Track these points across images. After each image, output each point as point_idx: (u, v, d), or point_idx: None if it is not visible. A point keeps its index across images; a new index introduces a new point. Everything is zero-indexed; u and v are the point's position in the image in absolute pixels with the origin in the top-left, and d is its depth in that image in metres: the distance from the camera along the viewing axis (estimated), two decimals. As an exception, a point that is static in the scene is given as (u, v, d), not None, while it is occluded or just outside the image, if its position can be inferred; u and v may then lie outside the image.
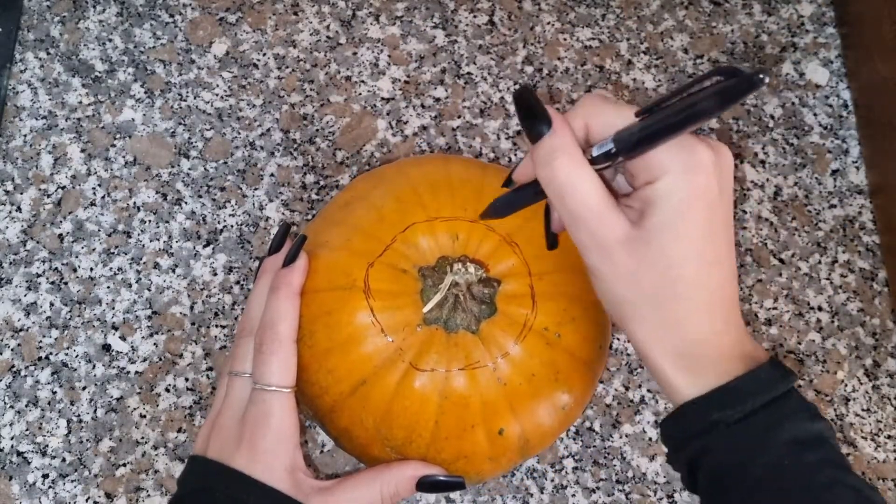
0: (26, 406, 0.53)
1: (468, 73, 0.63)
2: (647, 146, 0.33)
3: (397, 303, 0.42)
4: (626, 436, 0.53)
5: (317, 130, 0.61)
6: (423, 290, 0.42)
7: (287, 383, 0.41)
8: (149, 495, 0.52)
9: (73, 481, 0.52)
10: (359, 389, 0.41)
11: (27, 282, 0.56)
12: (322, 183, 0.59)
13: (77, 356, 0.54)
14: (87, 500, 0.51)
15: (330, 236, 0.44)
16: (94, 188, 0.59)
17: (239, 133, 0.60)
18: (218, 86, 0.62)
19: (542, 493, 0.52)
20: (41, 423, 0.53)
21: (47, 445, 0.52)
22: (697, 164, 0.33)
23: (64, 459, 0.52)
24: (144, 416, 0.53)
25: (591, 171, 0.34)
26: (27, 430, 0.53)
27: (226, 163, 0.60)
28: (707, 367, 0.35)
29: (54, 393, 0.54)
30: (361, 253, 0.42)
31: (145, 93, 0.61)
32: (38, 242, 0.57)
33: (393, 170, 0.47)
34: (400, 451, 0.42)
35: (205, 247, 0.57)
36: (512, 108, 0.61)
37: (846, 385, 0.55)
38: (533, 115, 0.35)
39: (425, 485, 0.42)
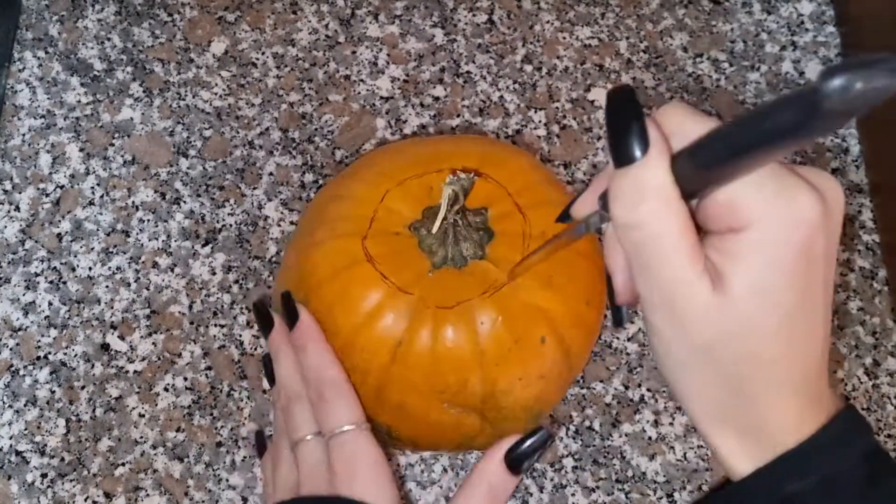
0: (25, 405, 0.53)
1: (467, 72, 0.62)
2: (731, 166, 0.25)
3: (402, 260, 0.42)
4: (626, 435, 0.53)
5: (316, 129, 0.61)
6: (420, 240, 0.43)
7: (361, 418, 0.40)
8: (148, 495, 0.51)
9: (71, 481, 0.52)
10: (397, 353, 0.41)
11: (26, 281, 0.56)
12: (321, 182, 0.59)
13: (76, 355, 0.54)
14: (85, 500, 0.51)
15: (315, 236, 0.44)
16: (92, 187, 0.58)
17: (238, 132, 0.60)
18: (217, 85, 0.62)
19: (541, 492, 0.52)
20: (40, 423, 0.53)
21: (46, 445, 0.52)
22: (799, 216, 0.26)
23: (63, 459, 0.52)
24: (143, 416, 0.53)
25: (687, 218, 0.27)
26: (26, 429, 0.53)
27: (224, 162, 0.59)
28: (774, 439, 0.29)
29: (53, 392, 0.53)
30: (351, 233, 0.43)
31: (144, 92, 0.61)
32: (36, 242, 0.57)
33: (348, 169, 0.48)
34: (459, 402, 0.42)
35: (203, 246, 0.57)
36: (511, 107, 0.61)
37: (846, 384, 0.55)
38: (626, 130, 0.27)
39: (517, 459, 0.39)
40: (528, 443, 0.38)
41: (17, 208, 0.58)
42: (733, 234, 0.27)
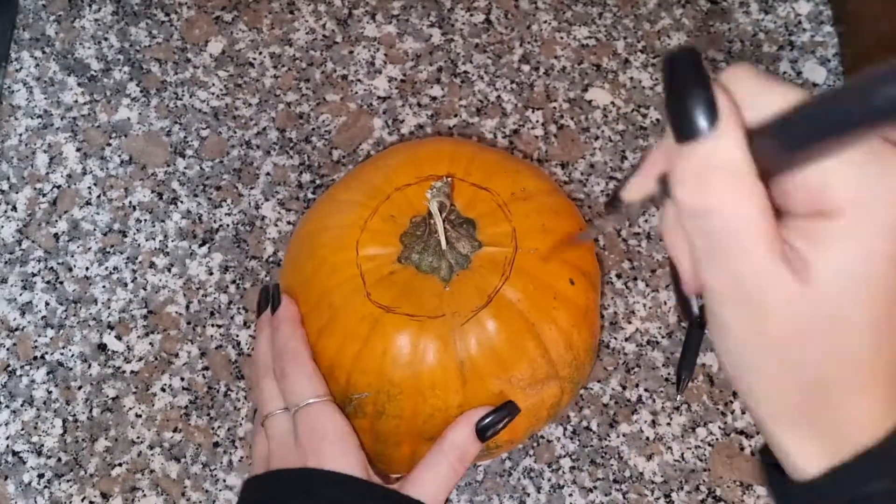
0: (21, 406, 0.53)
1: (465, 72, 0.62)
2: (825, 146, 0.22)
3: (414, 293, 0.42)
4: (624, 435, 0.53)
5: (313, 129, 0.60)
6: (418, 265, 0.43)
7: (324, 392, 0.41)
8: (144, 495, 0.51)
9: (68, 481, 0.52)
10: (464, 372, 0.41)
11: (22, 281, 0.56)
12: (318, 182, 0.59)
13: (72, 356, 0.54)
14: (82, 500, 0.51)
15: (320, 320, 0.43)
16: (89, 187, 0.58)
17: (235, 132, 0.60)
18: (214, 85, 0.62)
19: (539, 492, 0.52)
20: (36, 423, 0.53)
21: (43, 445, 0.52)
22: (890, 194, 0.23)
23: (59, 459, 0.52)
24: (140, 416, 0.53)
25: (766, 203, 0.23)
26: (22, 429, 0.53)
27: (222, 162, 0.59)
28: (852, 438, 0.26)
29: (50, 392, 0.53)
30: (352, 297, 0.42)
31: (141, 92, 0.61)
32: (33, 242, 0.57)
33: (303, 229, 0.48)
34: (538, 379, 0.42)
35: (200, 246, 0.57)
36: (509, 107, 0.61)
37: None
38: (690, 97, 0.23)
39: (486, 427, 0.41)
40: (498, 414, 0.41)
41: (14, 208, 0.58)
42: (823, 219, 0.23)
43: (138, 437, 0.53)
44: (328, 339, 0.42)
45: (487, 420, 0.41)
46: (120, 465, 0.52)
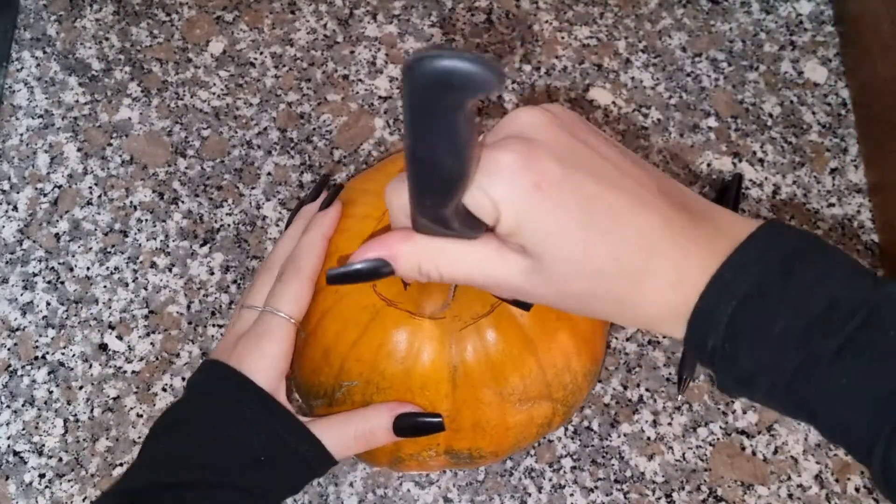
0: (23, 406, 0.53)
1: (466, 72, 0.62)
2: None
3: (416, 291, 0.42)
4: (625, 435, 0.53)
5: (314, 129, 0.60)
6: None
7: (295, 314, 0.42)
8: (145, 495, 0.51)
9: (69, 481, 0.52)
10: (456, 378, 0.41)
11: (23, 281, 0.56)
12: (319, 182, 0.59)
13: (73, 356, 0.54)
14: (83, 500, 0.51)
15: (326, 302, 0.43)
16: (90, 187, 0.58)
17: (236, 132, 0.60)
18: (215, 84, 0.62)
19: (540, 492, 0.52)
20: (38, 423, 0.53)
21: (44, 445, 0.52)
22: (510, 179, 0.29)
23: (60, 459, 0.52)
24: (141, 416, 0.53)
25: (460, 251, 0.31)
26: (23, 429, 0.53)
27: (223, 162, 0.59)
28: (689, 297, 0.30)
29: (51, 392, 0.53)
30: (358, 286, 0.42)
31: (142, 92, 0.61)
32: (34, 242, 0.57)
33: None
34: (530, 396, 0.42)
35: (202, 246, 0.57)
36: (510, 107, 0.61)
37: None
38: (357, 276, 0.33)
39: (404, 427, 0.41)
40: (424, 420, 0.41)
41: (15, 208, 0.58)
42: (497, 225, 0.30)
43: (139, 437, 0.53)
44: (330, 323, 0.42)
45: (408, 420, 0.41)
46: (121, 464, 0.52)
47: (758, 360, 0.29)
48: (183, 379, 0.54)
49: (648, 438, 0.53)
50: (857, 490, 0.52)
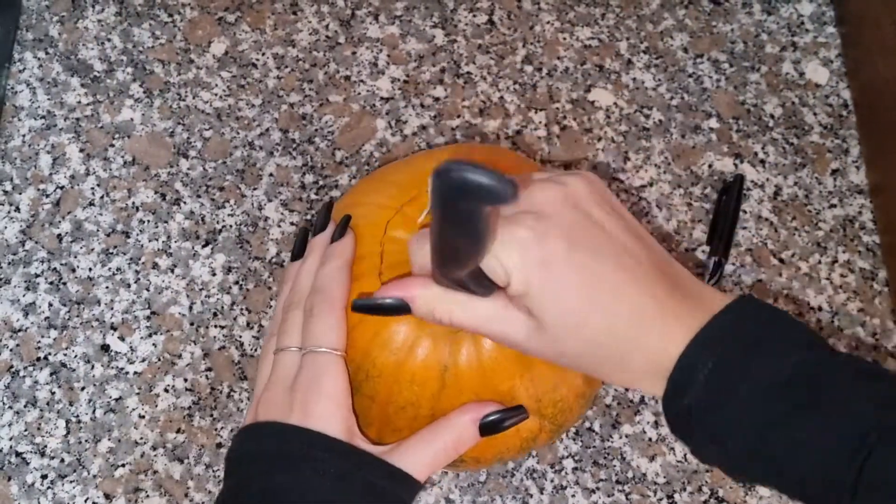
0: (25, 406, 0.53)
1: (467, 73, 0.62)
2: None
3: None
4: (626, 436, 0.53)
5: (316, 130, 0.61)
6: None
7: (339, 346, 0.41)
8: (148, 496, 0.51)
9: (71, 482, 0.52)
10: (445, 378, 0.41)
11: (26, 282, 0.56)
12: (321, 183, 0.59)
13: (76, 356, 0.54)
14: (85, 501, 0.51)
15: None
16: (92, 188, 0.58)
17: (238, 133, 0.60)
18: (217, 85, 0.62)
19: (541, 493, 0.52)
20: (40, 424, 0.53)
21: (46, 446, 0.52)
22: (522, 253, 0.33)
23: (63, 460, 0.52)
24: (143, 417, 0.53)
25: (471, 303, 0.36)
26: (26, 430, 0.53)
27: (224, 163, 0.59)
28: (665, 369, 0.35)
29: (53, 393, 0.53)
30: (366, 272, 0.42)
31: (144, 92, 0.61)
32: (36, 242, 0.57)
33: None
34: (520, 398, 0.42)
35: (203, 247, 0.57)
36: (512, 108, 0.61)
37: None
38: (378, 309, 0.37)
39: (490, 426, 0.41)
40: (509, 418, 0.41)
41: (18, 209, 0.58)
42: (508, 288, 0.34)
43: (141, 438, 0.53)
44: None
45: (494, 417, 0.41)
46: (123, 465, 0.52)
47: (729, 418, 0.33)
48: (185, 380, 0.54)
49: (650, 439, 0.53)
50: (858, 491, 0.52)
